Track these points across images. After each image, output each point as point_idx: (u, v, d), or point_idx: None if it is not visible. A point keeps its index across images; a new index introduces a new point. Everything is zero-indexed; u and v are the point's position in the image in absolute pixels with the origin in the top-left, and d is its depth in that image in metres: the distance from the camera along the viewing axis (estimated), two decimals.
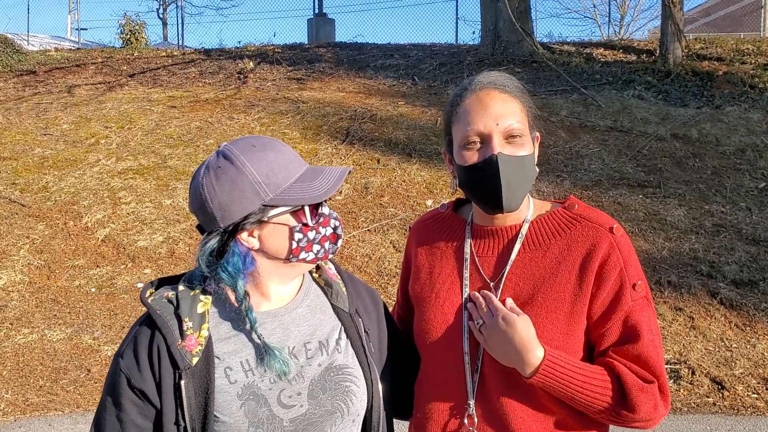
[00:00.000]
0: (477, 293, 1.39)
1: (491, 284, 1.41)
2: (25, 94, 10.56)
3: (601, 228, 1.38)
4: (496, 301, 1.35)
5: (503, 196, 1.34)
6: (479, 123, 1.36)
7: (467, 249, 1.47)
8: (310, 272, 1.44)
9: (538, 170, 1.43)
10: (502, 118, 1.36)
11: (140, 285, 6.04)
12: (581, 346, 1.36)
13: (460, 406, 1.38)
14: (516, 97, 1.41)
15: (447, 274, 1.47)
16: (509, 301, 1.37)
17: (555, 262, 1.38)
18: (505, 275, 1.40)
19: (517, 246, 1.42)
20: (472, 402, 1.36)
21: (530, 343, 1.29)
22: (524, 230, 1.42)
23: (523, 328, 1.30)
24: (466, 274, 1.44)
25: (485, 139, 1.37)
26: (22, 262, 6.30)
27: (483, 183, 1.36)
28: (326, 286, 1.42)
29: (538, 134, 1.46)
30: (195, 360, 1.21)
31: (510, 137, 1.37)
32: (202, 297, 1.28)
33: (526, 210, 1.44)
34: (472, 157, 1.37)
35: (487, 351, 1.35)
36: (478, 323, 1.36)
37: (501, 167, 1.33)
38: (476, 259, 1.45)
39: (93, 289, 6.00)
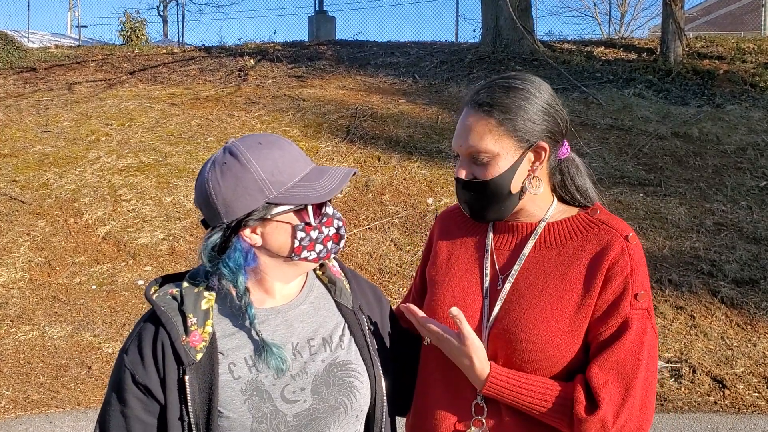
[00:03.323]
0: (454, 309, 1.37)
1: (500, 277, 1.42)
2: (25, 91, 10.55)
3: (616, 233, 1.38)
4: (431, 323, 1.38)
5: (469, 213, 1.44)
6: (454, 140, 1.43)
7: (489, 241, 1.49)
8: (314, 270, 1.44)
9: (526, 186, 1.39)
10: (467, 140, 1.38)
11: (141, 282, 6.04)
12: (579, 346, 1.34)
13: (468, 397, 1.38)
14: (494, 116, 1.36)
15: (463, 262, 1.49)
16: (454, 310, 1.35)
17: (567, 261, 1.38)
18: (514, 269, 1.41)
19: (530, 243, 1.43)
20: (479, 396, 1.36)
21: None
22: (539, 229, 1.43)
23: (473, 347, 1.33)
24: (487, 264, 1.45)
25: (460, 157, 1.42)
26: (23, 259, 6.30)
27: (458, 197, 1.46)
28: (330, 284, 1.43)
29: (545, 144, 1.40)
30: (199, 356, 1.22)
31: (474, 160, 1.38)
32: (206, 293, 1.28)
33: (542, 212, 1.44)
34: (456, 170, 1.43)
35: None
36: (426, 342, 1.41)
37: (459, 191, 1.42)
38: (493, 251, 1.47)
39: (94, 287, 6.00)
